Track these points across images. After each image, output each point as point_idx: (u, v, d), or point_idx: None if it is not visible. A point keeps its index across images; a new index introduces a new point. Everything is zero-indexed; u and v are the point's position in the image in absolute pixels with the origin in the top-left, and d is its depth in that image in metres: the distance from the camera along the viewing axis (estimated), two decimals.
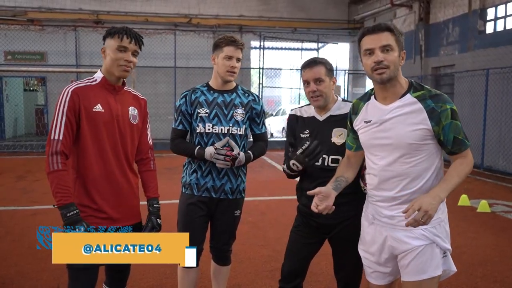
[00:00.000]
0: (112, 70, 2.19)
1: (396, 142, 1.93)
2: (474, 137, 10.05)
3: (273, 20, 15.56)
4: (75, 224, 2.01)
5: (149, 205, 2.35)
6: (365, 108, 2.06)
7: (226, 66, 2.65)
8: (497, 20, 10.10)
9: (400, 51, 1.91)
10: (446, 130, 1.88)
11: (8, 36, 14.06)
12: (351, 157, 2.23)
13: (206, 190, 2.71)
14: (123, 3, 14.56)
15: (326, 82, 2.35)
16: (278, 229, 5.18)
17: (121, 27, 2.21)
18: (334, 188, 2.10)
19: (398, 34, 1.91)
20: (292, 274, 2.45)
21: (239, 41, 2.68)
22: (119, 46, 2.16)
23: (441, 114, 1.87)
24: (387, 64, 1.87)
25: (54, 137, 2.08)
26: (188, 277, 2.78)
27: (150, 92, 13.58)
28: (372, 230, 2.09)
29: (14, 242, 4.69)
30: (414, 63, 12.32)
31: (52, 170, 2.04)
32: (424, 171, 1.94)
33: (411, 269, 1.96)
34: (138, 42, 2.21)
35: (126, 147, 2.26)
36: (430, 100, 1.89)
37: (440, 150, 1.98)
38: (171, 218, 3.00)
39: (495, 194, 7.49)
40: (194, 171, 2.74)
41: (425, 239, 1.95)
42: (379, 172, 2.00)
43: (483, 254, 4.47)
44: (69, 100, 2.10)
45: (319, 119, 2.43)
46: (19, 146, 13.02)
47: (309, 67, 2.36)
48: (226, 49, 2.64)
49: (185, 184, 2.78)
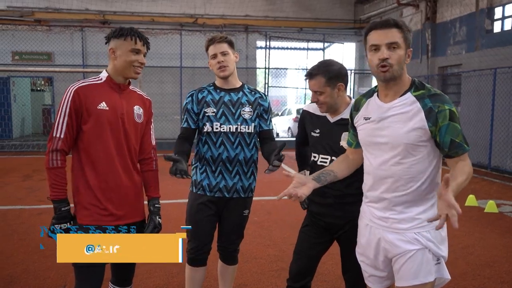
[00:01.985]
0: (125, 72, 2.22)
1: (392, 141, 1.88)
2: (482, 137, 9.99)
3: (279, 20, 15.54)
4: (65, 219, 2.14)
5: (150, 205, 2.36)
6: (366, 105, 2.02)
7: (214, 65, 2.71)
8: (505, 19, 10.02)
9: (406, 48, 1.86)
10: (442, 132, 1.81)
11: (16, 36, 14.16)
12: (350, 154, 2.20)
13: (219, 191, 2.70)
14: (130, 3, 14.60)
15: (327, 92, 2.31)
16: (284, 228, 5.18)
17: (129, 28, 2.22)
18: (316, 179, 2.08)
19: (406, 30, 1.86)
20: (300, 273, 2.45)
21: (217, 37, 2.71)
22: (133, 48, 2.19)
23: (438, 115, 1.81)
24: (392, 63, 1.83)
25: (56, 134, 2.14)
26: (195, 276, 2.77)
27: (156, 92, 13.62)
28: (367, 233, 2.05)
29: (20, 240, 4.72)
30: (421, 62, 12.26)
31: (51, 166, 2.13)
32: (419, 173, 1.88)
33: (402, 274, 1.91)
34: (147, 44, 2.26)
35: (130, 146, 2.27)
36: (428, 99, 1.84)
37: (437, 154, 1.91)
38: (176, 217, 3.00)
39: (503, 194, 7.43)
40: (204, 170, 2.72)
41: (417, 243, 1.89)
42: (374, 171, 1.96)
43: (490, 255, 4.44)
44: (71, 99, 2.13)
45: (330, 120, 2.42)
46: (26, 145, 13.10)
47: (308, 78, 2.36)
48: (209, 50, 2.72)
49: (196, 183, 2.76)
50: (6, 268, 3.94)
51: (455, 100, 11.60)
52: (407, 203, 1.90)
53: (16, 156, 11.80)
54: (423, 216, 1.89)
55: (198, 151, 2.77)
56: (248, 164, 2.75)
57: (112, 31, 2.25)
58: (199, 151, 2.76)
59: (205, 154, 2.70)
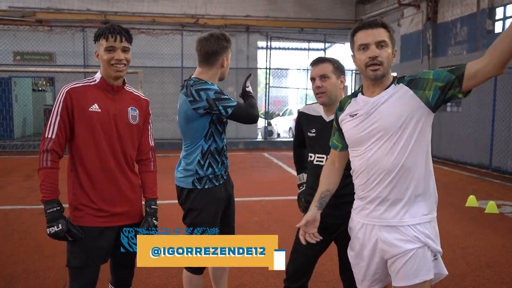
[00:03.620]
0: (108, 72, 2.21)
1: (384, 126, 1.87)
2: (482, 137, 9.98)
3: (279, 20, 15.53)
4: (56, 220, 2.06)
5: (147, 206, 2.35)
6: (351, 103, 2.03)
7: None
8: (506, 19, 9.99)
9: (393, 48, 1.91)
10: (435, 77, 1.81)
11: (17, 36, 14.19)
12: (335, 160, 2.17)
13: (222, 178, 2.68)
14: (131, 3, 14.61)
15: (332, 79, 2.35)
16: (284, 229, 5.18)
17: (106, 26, 2.20)
18: (319, 207, 2.10)
19: (391, 31, 1.92)
20: (297, 273, 2.45)
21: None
22: (107, 46, 2.17)
23: (422, 76, 1.85)
24: (381, 61, 1.86)
25: (48, 135, 2.13)
26: (194, 281, 2.75)
27: (157, 92, 13.64)
28: (361, 234, 2.03)
29: (21, 240, 4.73)
30: (422, 63, 12.25)
31: (41, 167, 2.11)
32: (413, 164, 1.88)
33: (402, 274, 1.90)
34: (125, 37, 2.18)
35: (124, 147, 2.25)
36: (409, 77, 1.90)
37: (428, 144, 1.90)
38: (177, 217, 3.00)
39: (504, 195, 7.42)
40: (221, 162, 2.66)
41: (417, 241, 1.89)
42: (368, 166, 1.94)
43: (491, 256, 4.43)
44: (63, 100, 2.14)
45: (325, 119, 2.43)
46: (27, 145, 13.13)
47: (316, 64, 2.40)
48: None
49: (216, 175, 2.63)
50: (7, 268, 3.95)
51: (456, 100, 11.60)
52: (404, 193, 1.90)
53: (17, 156, 11.83)
54: (421, 209, 1.91)
55: (214, 146, 2.63)
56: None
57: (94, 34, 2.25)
58: (215, 145, 2.63)
59: (222, 146, 2.67)
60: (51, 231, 2.06)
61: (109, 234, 2.21)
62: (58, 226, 2.06)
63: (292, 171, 9.25)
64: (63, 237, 2.08)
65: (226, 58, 2.62)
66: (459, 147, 10.85)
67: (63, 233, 2.06)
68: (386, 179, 1.91)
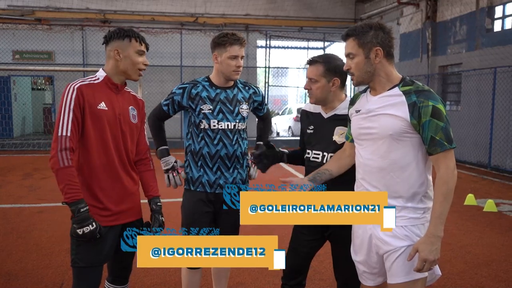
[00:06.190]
0: (128, 73, 2.22)
1: (378, 132, 1.93)
2: (482, 137, 9.98)
3: (279, 18, 15.54)
4: (87, 219, 2.01)
5: (152, 203, 2.36)
6: (360, 99, 2.11)
7: (232, 66, 2.58)
8: (505, 18, 10.00)
9: (368, 51, 1.93)
10: (425, 128, 1.84)
11: (16, 35, 14.19)
12: (347, 148, 2.25)
13: (219, 187, 2.66)
14: (130, 2, 14.61)
15: (320, 82, 2.33)
16: (283, 227, 5.16)
17: (130, 29, 2.23)
18: (312, 179, 2.16)
19: (360, 34, 1.93)
20: (294, 271, 2.46)
21: (242, 39, 2.61)
22: (139, 50, 2.20)
23: (421, 110, 1.84)
24: (352, 72, 1.99)
25: (62, 133, 2.05)
26: (192, 278, 2.76)
27: (156, 91, 13.63)
28: (360, 230, 2.08)
29: (19, 239, 4.73)
30: (421, 61, 12.25)
31: (62, 166, 2.01)
32: (406, 165, 1.91)
33: (394, 271, 1.93)
34: (147, 45, 2.29)
35: (127, 146, 2.27)
36: (414, 95, 1.87)
37: (421, 147, 1.92)
38: (177, 215, 3.01)
39: (502, 193, 7.43)
40: (201, 166, 2.67)
41: (407, 239, 1.91)
42: (363, 162, 2.02)
43: (489, 254, 4.44)
44: (75, 96, 2.09)
45: (324, 116, 2.44)
46: (26, 144, 13.13)
47: (308, 65, 2.40)
48: (231, 48, 2.56)
49: (193, 180, 2.69)
50: (5, 266, 3.96)
51: (455, 99, 11.61)
52: (395, 195, 1.92)
53: (17, 155, 11.82)
54: (414, 210, 1.93)
55: (192, 147, 2.69)
56: (243, 157, 2.76)
57: (112, 32, 2.23)
58: (193, 147, 2.69)
59: (201, 150, 2.66)
60: (86, 231, 2.00)
61: (114, 232, 2.21)
62: (93, 225, 2.01)
63: (292, 171, 9.25)
64: (94, 237, 2.04)
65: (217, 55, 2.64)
66: (458, 146, 10.80)
67: (97, 231, 2.03)
68: (380, 178, 1.95)
